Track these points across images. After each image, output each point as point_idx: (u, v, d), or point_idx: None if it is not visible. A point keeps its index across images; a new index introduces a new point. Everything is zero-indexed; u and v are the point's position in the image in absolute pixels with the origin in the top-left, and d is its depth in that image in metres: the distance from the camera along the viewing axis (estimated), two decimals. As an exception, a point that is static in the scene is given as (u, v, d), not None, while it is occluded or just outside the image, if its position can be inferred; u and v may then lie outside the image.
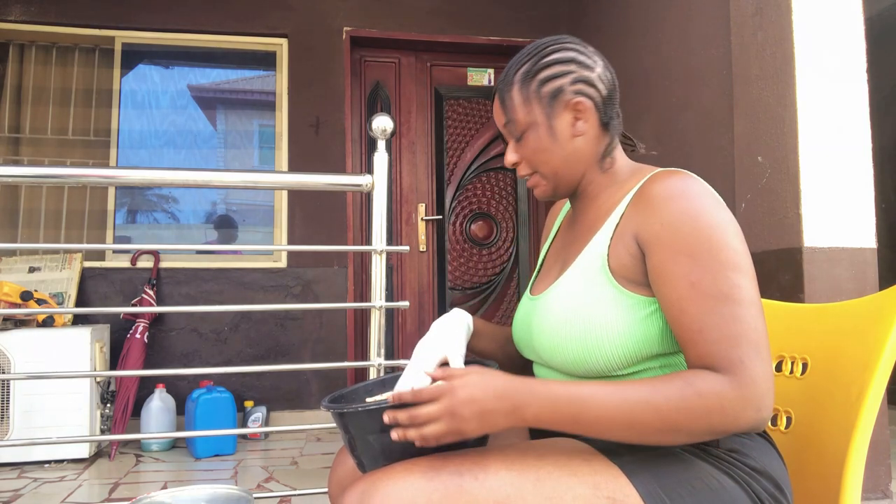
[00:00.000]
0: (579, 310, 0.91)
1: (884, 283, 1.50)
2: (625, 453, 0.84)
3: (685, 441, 0.80)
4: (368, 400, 0.99)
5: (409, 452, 0.84)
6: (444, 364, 0.96)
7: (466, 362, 1.05)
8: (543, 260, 1.15)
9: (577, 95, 0.97)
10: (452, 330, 1.00)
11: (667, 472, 0.82)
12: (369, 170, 1.87)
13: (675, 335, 0.85)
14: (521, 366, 1.15)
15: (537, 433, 1.03)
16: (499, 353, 1.13)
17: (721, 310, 0.81)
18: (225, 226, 3.97)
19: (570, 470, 0.81)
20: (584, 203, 1.04)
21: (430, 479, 0.78)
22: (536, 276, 1.13)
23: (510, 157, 1.03)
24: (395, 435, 0.80)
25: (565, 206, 1.17)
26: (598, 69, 0.99)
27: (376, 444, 0.85)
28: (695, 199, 0.86)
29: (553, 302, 0.96)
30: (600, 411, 0.78)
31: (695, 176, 0.89)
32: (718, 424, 0.78)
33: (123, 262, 3.53)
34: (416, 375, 0.94)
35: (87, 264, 3.47)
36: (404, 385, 0.93)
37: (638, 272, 0.89)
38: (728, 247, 0.83)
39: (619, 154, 1.03)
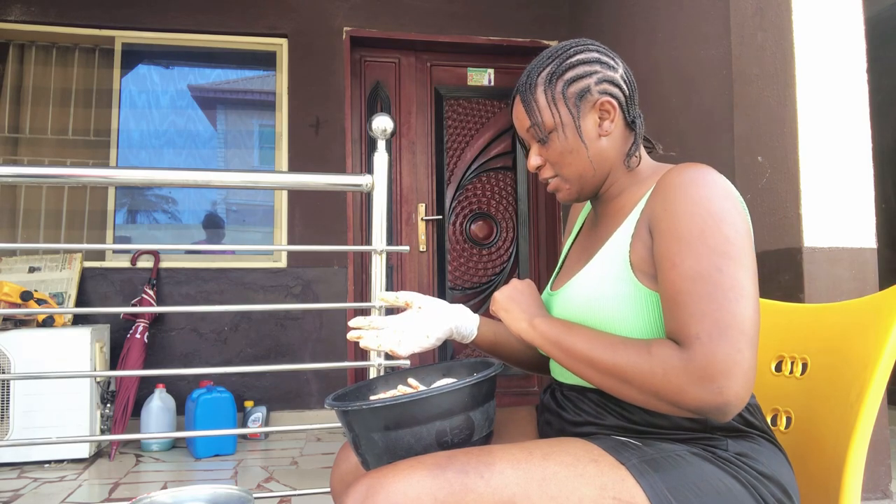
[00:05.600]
0: (598, 303, 0.91)
1: (884, 283, 1.50)
2: (632, 455, 0.84)
3: (638, 399, 0.83)
4: (372, 398, 0.99)
5: (413, 450, 0.84)
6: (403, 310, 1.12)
7: (473, 362, 1.06)
8: (565, 258, 1.14)
9: (604, 95, 0.97)
10: (445, 304, 1.11)
11: (674, 474, 0.81)
12: (369, 170, 1.87)
13: None
14: (529, 361, 1.15)
15: (544, 433, 1.03)
16: (506, 347, 1.14)
17: (693, 288, 0.81)
18: (224, 226, 3.97)
19: (576, 470, 0.81)
20: (606, 203, 1.04)
21: (436, 477, 0.78)
22: (557, 274, 1.12)
23: (534, 161, 1.02)
24: None
25: (587, 205, 1.17)
26: (621, 70, 1.00)
27: (380, 442, 0.85)
28: (701, 187, 0.85)
29: (573, 293, 0.96)
30: (576, 339, 0.88)
31: (713, 170, 0.88)
32: (662, 390, 0.79)
33: (123, 262, 3.53)
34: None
35: (87, 264, 3.47)
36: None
37: (652, 264, 0.89)
38: (719, 233, 0.82)
39: (643, 153, 1.03)
